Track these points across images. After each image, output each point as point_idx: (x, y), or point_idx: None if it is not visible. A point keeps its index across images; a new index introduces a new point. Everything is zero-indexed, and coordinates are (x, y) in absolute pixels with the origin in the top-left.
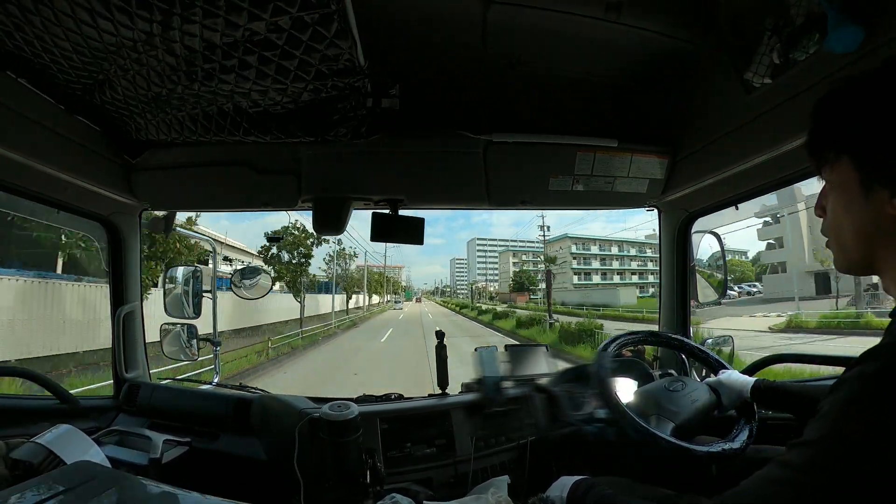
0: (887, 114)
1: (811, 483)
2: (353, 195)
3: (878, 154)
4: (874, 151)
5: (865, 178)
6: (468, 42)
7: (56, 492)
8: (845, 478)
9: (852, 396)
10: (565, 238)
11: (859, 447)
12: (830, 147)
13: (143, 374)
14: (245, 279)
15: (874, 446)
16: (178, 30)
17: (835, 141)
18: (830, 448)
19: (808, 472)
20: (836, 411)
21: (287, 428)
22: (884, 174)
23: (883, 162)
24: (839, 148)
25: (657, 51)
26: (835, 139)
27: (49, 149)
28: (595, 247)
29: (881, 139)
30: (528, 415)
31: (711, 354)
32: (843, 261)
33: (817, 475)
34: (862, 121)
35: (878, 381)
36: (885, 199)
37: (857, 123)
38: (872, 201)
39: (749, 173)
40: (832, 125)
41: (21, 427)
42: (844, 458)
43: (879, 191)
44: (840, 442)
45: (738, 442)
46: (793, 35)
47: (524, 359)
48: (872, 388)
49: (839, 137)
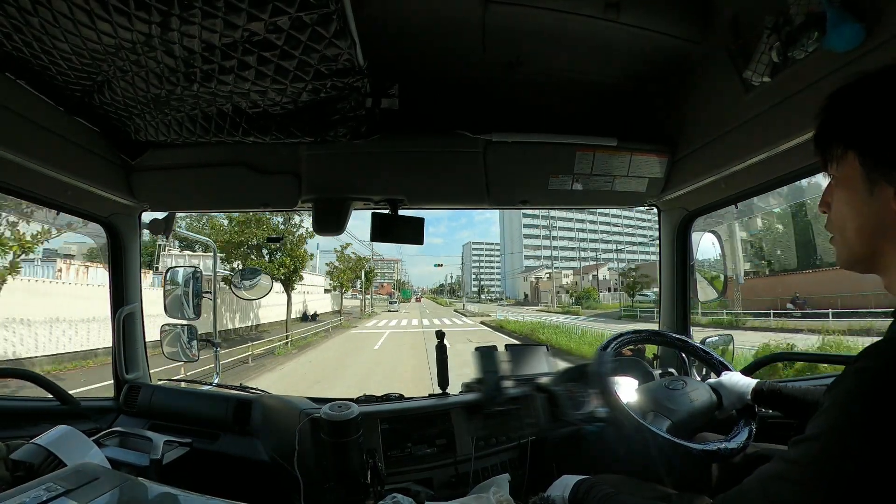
0: (894, 111)
1: (814, 478)
2: (352, 195)
3: (884, 151)
4: (880, 148)
5: (870, 174)
6: (467, 42)
7: (57, 493)
8: (848, 472)
9: (853, 392)
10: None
11: (860, 442)
12: (837, 142)
13: (143, 376)
14: (245, 279)
15: (875, 441)
16: (177, 31)
17: (842, 136)
18: (832, 443)
19: (810, 468)
20: (838, 407)
21: (287, 428)
22: (889, 171)
23: (889, 159)
24: (846, 143)
25: (656, 50)
26: (842, 134)
27: (48, 150)
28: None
29: (887, 136)
30: (529, 414)
31: (715, 356)
32: (845, 257)
33: (820, 470)
34: (869, 117)
35: (878, 377)
36: (889, 196)
37: (864, 119)
38: (876, 197)
39: (748, 172)
40: (840, 120)
41: (21, 428)
42: (846, 452)
43: (884, 187)
44: (841, 437)
45: (734, 442)
46: (792, 33)
47: (524, 358)
48: (872, 383)
49: (846, 133)
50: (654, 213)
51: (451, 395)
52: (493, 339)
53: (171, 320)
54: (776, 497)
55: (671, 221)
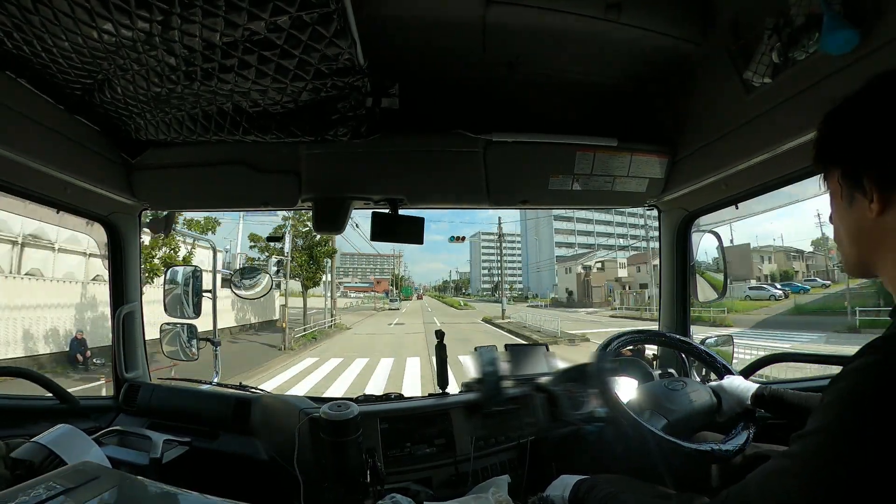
0: (863, 129)
1: (814, 472)
2: (352, 195)
3: (856, 165)
4: (853, 163)
5: (847, 187)
6: (468, 41)
7: (57, 492)
8: (848, 466)
9: (853, 387)
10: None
11: (861, 436)
12: (824, 160)
13: (142, 375)
14: (245, 279)
15: (875, 435)
16: (178, 30)
17: (826, 155)
18: (833, 437)
19: (811, 462)
20: (838, 402)
21: (287, 427)
22: (860, 183)
23: (859, 173)
24: (829, 161)
25: (657, 50)
26: (825, 153)
27: (48, 149)
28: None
29: (857, 152)
30: (528, 414)
31: (718, 358)
32: (846, 264)
33: (820, 464)
34: (843, 136)
35: (878, 372)
36: (864, 206)
37: (839, 139)
38: (855, 209)
39: (749, 173)
40: (825, 141)
41: (21, 427)
42: (847, 446)
43: (860, 199)
44: (842, 431)
45: (730, 444)
46: (793, 34)
47: (524, 358)
48: (873, 378)
49: (828, 152)
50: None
51: (450, 395)
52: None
53: (171, 319)
54: (777, 491)
55: (671, 222)
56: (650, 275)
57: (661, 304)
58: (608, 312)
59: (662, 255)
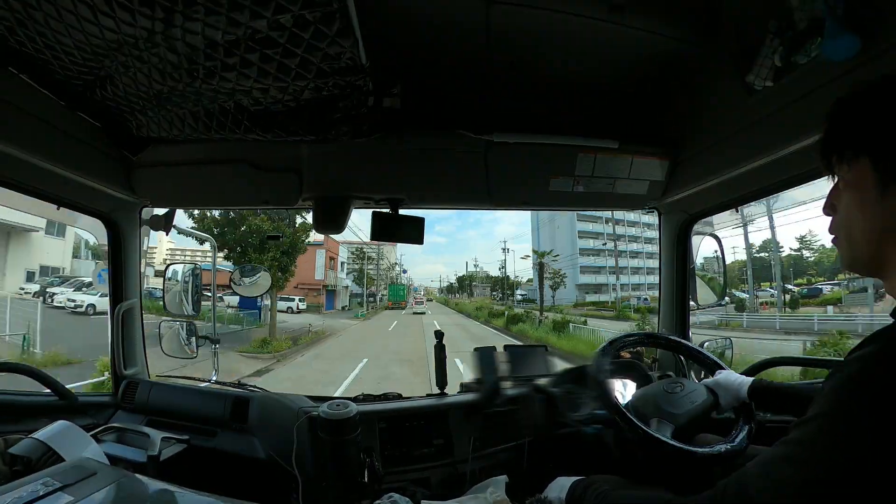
0: None
1: (813, 457)
2: (353, 194)
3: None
4: (894, 154)
5: (882, 178)
6: (470, 42)
7: (54, 488)
8: (847, 451)
9: (854, 375)
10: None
11: (860, 422)
12: (849, 146)
13: (141, 371)
14: (245, 277)
15: (874, 421)
16: (180, 27)
17: (855, 141)
18: (833, 422)
19: (810, 447)
20: (839, 389)
21: (285, 426)
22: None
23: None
24: (858, 147)
25: (659, 52)
26: (855, 139)
27: (49, 145)
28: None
29: None
30: (527, 415)
31: (708, 355)
32: (850, 258)
33: (819, 449)
34: (885, 123)
35: (878, 361)
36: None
37: (879, 125)
38: (887, 201)
39: (750, 176)
40: (854, 125)
41: (19, 423)
42: (846, 431)
43: (895, 192)
44: (842, 416)
45: (738, 442)
46: (796, 38)
47: (523, 359)
48: (873, 366)
49: (860, 137)
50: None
51: (449, 396)
52: None
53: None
54: (778, 477)
55: (672, 224)
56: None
57: (660, 306)
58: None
59: (662, 258)
